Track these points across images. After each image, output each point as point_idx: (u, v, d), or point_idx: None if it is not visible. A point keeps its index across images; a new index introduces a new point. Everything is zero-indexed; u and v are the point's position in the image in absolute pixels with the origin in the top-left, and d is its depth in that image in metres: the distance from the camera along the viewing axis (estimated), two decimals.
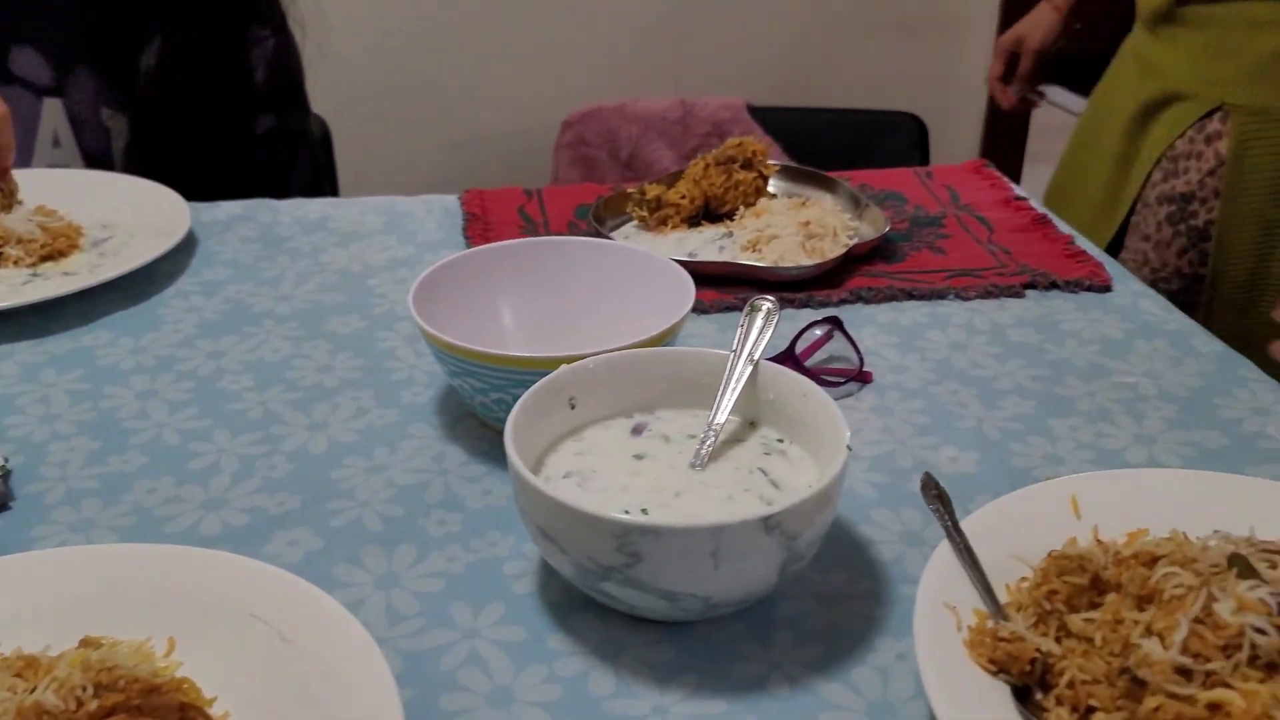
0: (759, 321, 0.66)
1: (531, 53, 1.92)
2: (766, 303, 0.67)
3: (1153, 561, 0.51)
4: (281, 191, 1.24)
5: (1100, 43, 1.47)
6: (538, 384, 0.61)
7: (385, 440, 0.72)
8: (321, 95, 1.40)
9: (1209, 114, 1.21)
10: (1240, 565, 0.48)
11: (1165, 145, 1.25)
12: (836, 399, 0.76)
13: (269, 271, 0.96)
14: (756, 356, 0.64)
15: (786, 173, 1.10)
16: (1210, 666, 0.44)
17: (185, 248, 0.99)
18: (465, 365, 0.68)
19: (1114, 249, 1.30)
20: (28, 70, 1.12)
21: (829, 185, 1.08)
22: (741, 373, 0.63)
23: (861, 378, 0.79)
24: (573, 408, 0.63)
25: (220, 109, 1.16)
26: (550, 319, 0.79)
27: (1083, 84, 1.53)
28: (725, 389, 0.63)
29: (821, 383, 0.77)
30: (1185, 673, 0.45)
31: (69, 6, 1.11)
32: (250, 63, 1.18)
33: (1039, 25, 1.51)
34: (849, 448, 0.55)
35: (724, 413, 0.62)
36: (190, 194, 1.10)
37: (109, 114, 1.15)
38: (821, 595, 0.58)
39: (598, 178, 1.67)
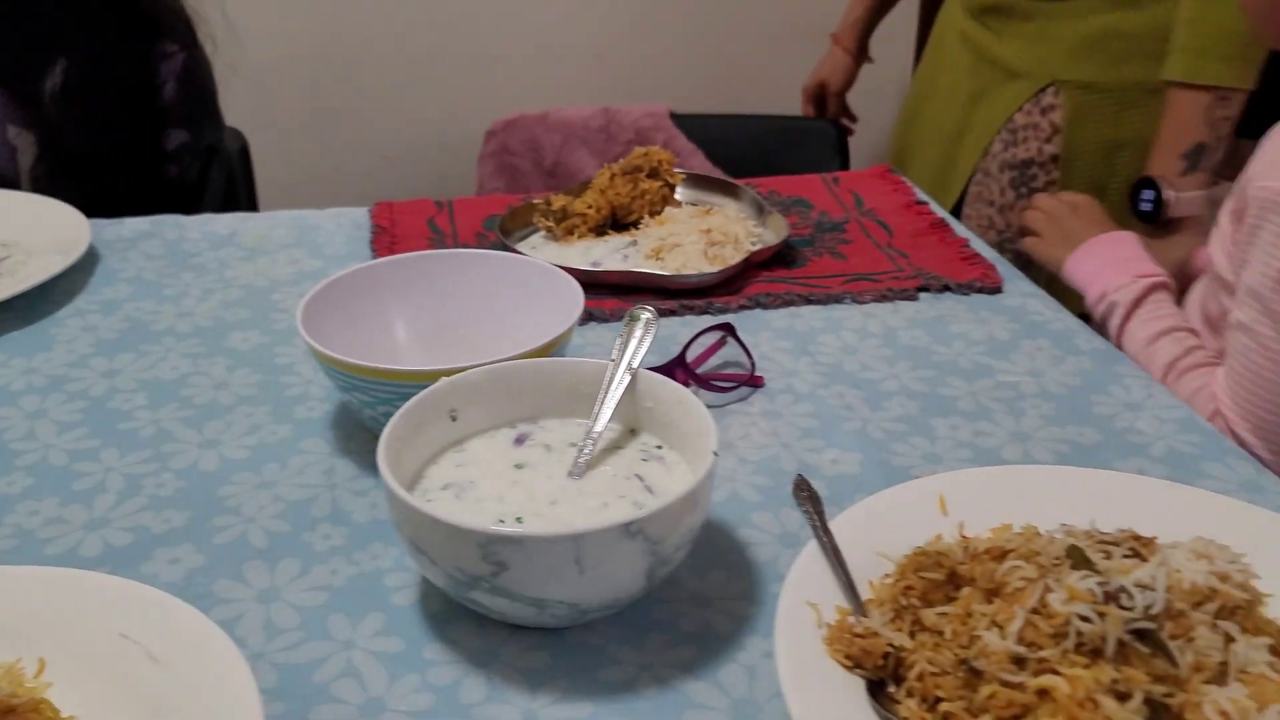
0: (638, 331, 0.67)
1: (455, 62, 1.93)
2: (645, 312, 0.68)
3: (1003, 556, 0.53)
4: (195, 207, 1.24)
5: None
6: (415, 398, 0.62)
7: (276, 456, 0.72)
8: (240, 109, 1.39)
9: (1043, 89, 1.37)
10: (1076, 557, 0.50)
11: (1004, 118, 1.41)
12: (728, 404, 0.78)
13: (171, 288, 0.96)
14: (635, 365, 0.65)
15: (694, 181, 1.12)
16: (1042, 654, 0.46)
17: (86, 266, 0.98)
18: (351, 380, 0.68)
19: (954, 214, 1.40)
20: None
21: (734, 192, 1.10)
22: (620, 381, 0.65)
23: (753, 382, 0.80)
24: (454, 420, 0.64)
25: (129, 125, 1.15)
26: (443, 331, 0.80)
27: None
28: (604, 398, 0.64)
29: (713, 388, 0.79)
30: (1020, 661, 0.47)
31: None
32: (158, 79, 1.18)
33: (836, 69, 1.74)
34: (715, 454, 0.57)
35: (602, 421, 0.63)
36: (101, 212, 1.09)
37: (15, 132, 1.14)
38: (696, 596, 0.60)
39: (522, 187, 1.68)
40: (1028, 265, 1.03)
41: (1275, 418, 0.82)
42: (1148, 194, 1.24)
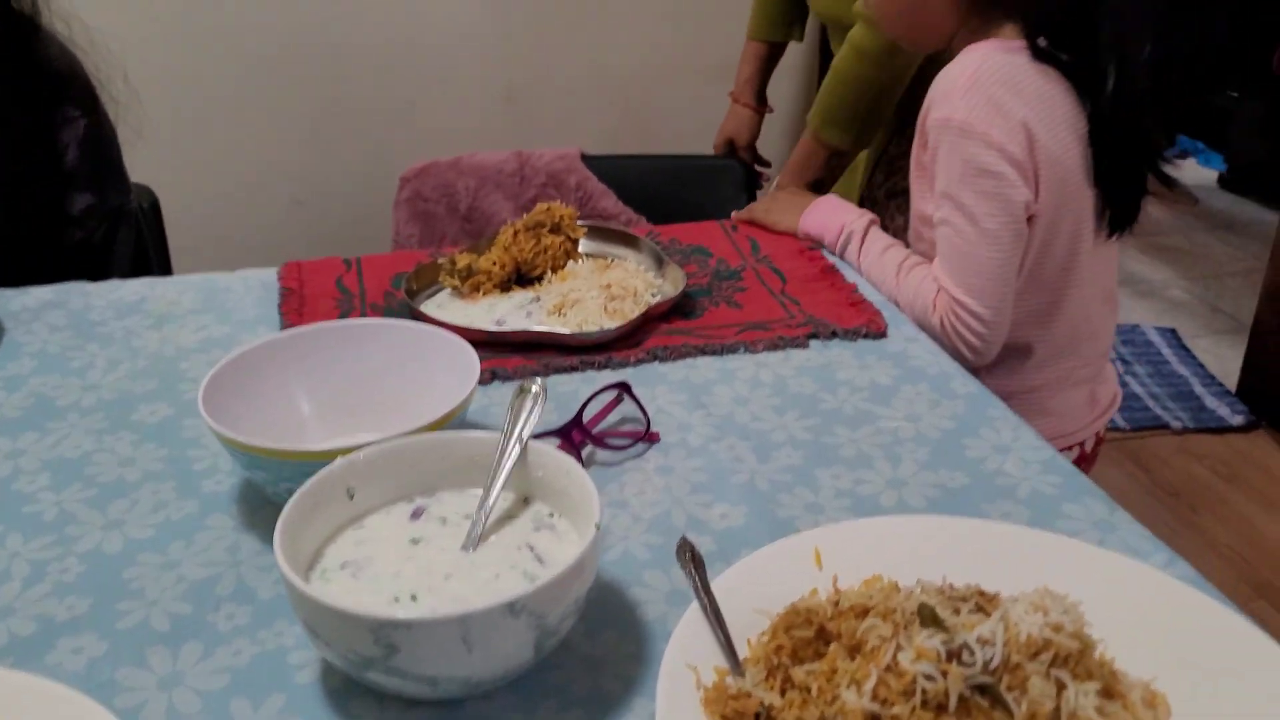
0: (528, 403, 0.70)
1: (367, 106, 1.94)
2: (534, 385, 0.71)
3: (864, 613, 0.57)
4: (103, 270, 1.24)
5: None
6: (311, 480, 0.64)
7: (181, 533, 0.74)
8: (146, 166, 1.39)
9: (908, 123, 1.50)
10: (925, 615, 0.54)
11: (879, 151, 1.55)
12: (623, 461, 0.82)
13: (77, 361, 0.96)
14: (525, 436, 0.68)
15: (595, 233, 1.16)
16: (894, 711, 0.50)
17: None
18: (252, 459, 0.70)
19: None
20: None
21: (635, 244, 1.14)
22: (511, 454, 0.68)
23: (649, 438, 0.84)
24: (351, 498, 0.67)
25: (31, 192, 1.15)
26: (345, 401, 0.82)
27: None
28: (495, 471, 0.67)
29: (609, 446, 0.82)
30: (874, 718, 0.51)
31: None
32: (60, 144, 1.18)
33: (742, 125, 1.85)
34: (597, 526, 0.60)
35: (494, 495, 0.66)
36: (5, 278, 1.09)
37: None
38: (588, 660, 0.63)
39: (437, 232, 1.70)
40: None
41: (978, 279, 1.04)
42: None
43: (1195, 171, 3.93)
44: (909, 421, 0.86)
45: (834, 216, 1.17)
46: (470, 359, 0.79)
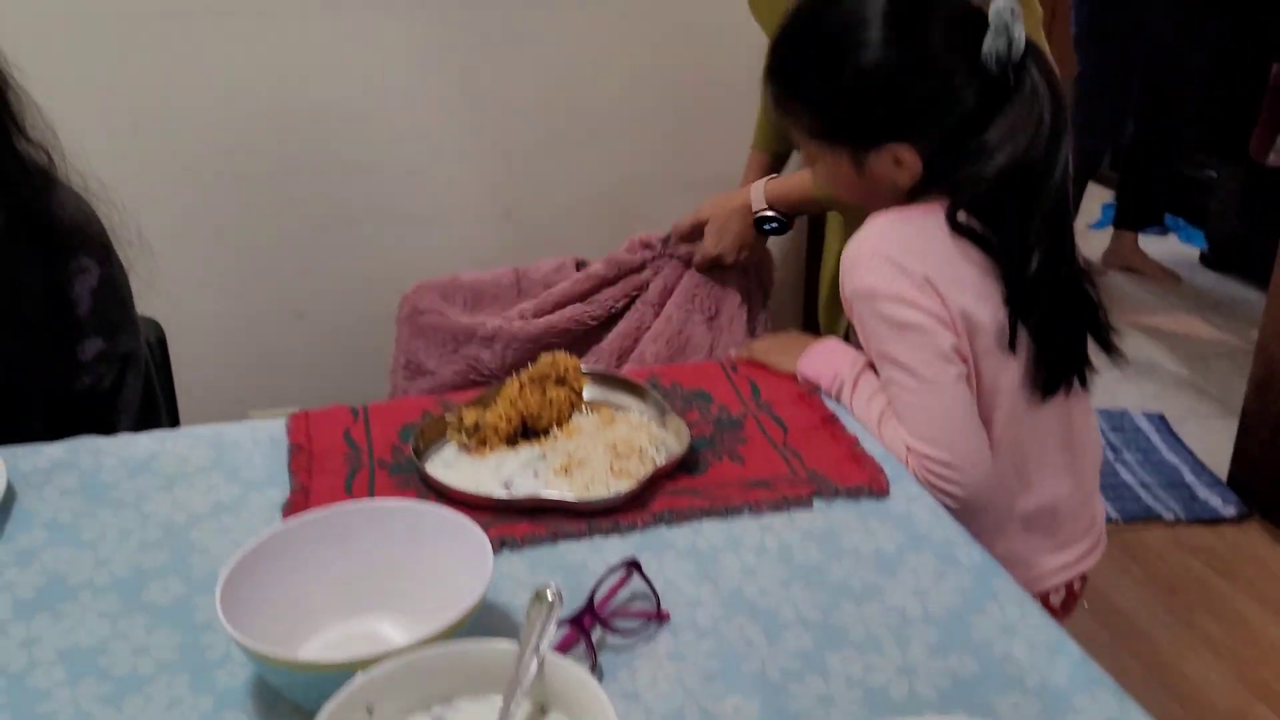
0: (544, 613, 0.71)
1: (367, 224, 1.98)
2: (549, 591, 0.72)
3: None
4: (110, 416, 1.25)
5: None
6: (331, 703, 0.65)
7: None
8: (150, 298, 1.41)
9: None
10: None
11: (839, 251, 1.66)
12: (634, 643, 0.83)
13: (89, 531, 0.97)
14: (543, 650, 0.69)
15: (598, 379, 1.18)
16: None
17: (2, 507, 0.99)
18: (268, 667, 0.71)
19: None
20: None
21: (637, 392, 1.16)
22: (529, 667, 0.69)
23: (659, 617, 0.85)
24: (370, 714, 0.67)
25: (41, 344, 1.16)
26: (359, 584, 0.83)
27: None
28: (513, 688, 0.68)
29: (620, 631, 0.83)
30: None
31: None
32: (74, 294, 1.19)
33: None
34: None
35: (510, 711, 0.67)
36: (10, 421, 1.10)
37: None
38: None
39: (441, 344, 1.72)
40: None
41: (933, 429, 1.07)
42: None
43: (1177, 249, 4.00)
44: (916, 597, 0.87)
45: (829, 362, 1.20)
46: (484, 551, 0.80)
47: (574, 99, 2.14)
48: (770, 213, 1.68)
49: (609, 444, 1.04)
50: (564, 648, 0.80)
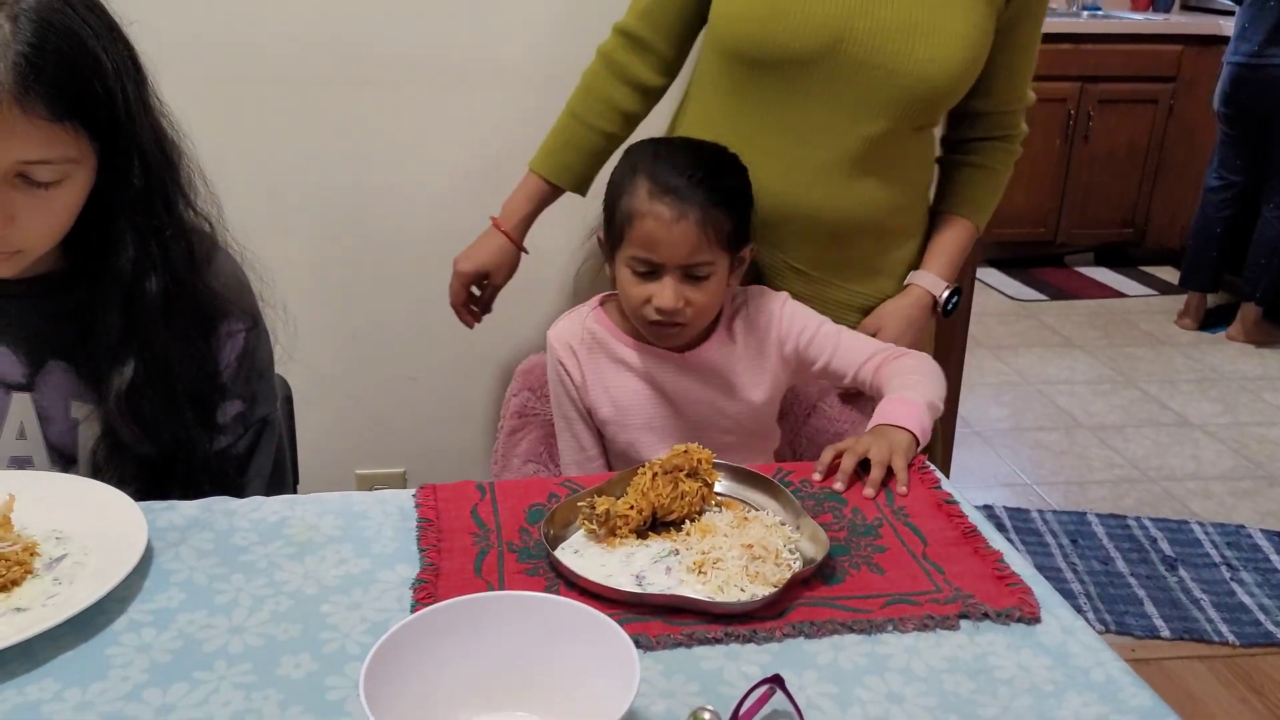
0: None
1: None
2: (707, 713, 0.69)
3: None
4: (241, 478, 1.26)
5: None
6: None
7: None
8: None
9: None
10: None
11: None
12: None
13: (223, 595, 0.97)
14: None
15: (727, 473, 1.15)
16: None
17: (140, 564, 0.99)
18: None
19: None
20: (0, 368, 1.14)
21: (768, 488, 1.13)
22: None
23: None
24: None
25: (189, 411, 1.18)
26: (495, 678, 0.81)
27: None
28: None
29: None
30: None
31: (46, 310, 1.14)
32: (220, 358, 1.21)
33: (503, 263, 1.67)
34: None
35: None
36: (150, 480, 1.11)
37: (79, 408, 1.17)
38: None
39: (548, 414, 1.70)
40: None
41: None
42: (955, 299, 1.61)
43: None
44: None
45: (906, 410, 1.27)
46: (628, 655, 0.78)
47: None
48: (951, 287, 1.62)
49: (744, 545, 1.01)
50: None
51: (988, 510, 2.86)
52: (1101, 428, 3.43)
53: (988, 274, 4.85)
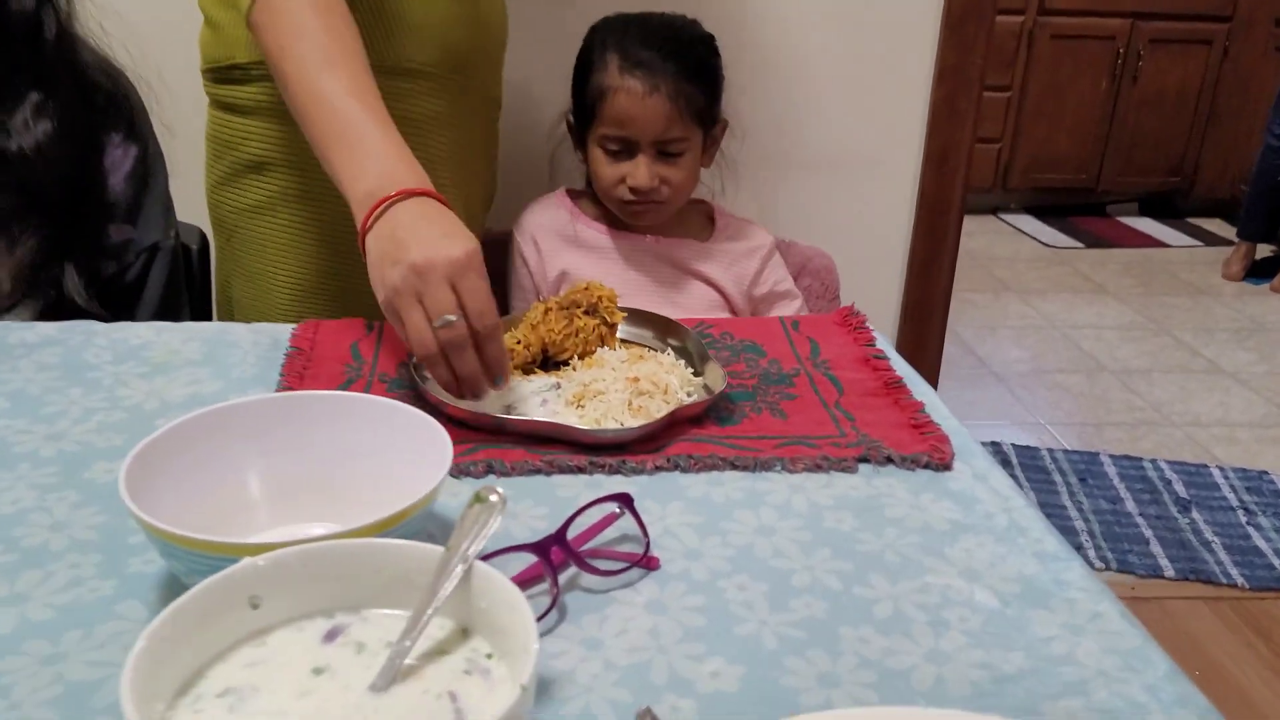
0: (483, 515, 0.58)
1: None
2: (493, 494, 0.59)
3: None
4: (129, 309, 1.18)
5: None
6: (206, 582, 0.53)
7: (83, 620, 0.64)
8: (195, 206, 1.34)
9: None
10: None
11: None
12: (612, 589, 0.69)
13: (52, 405, 0.89)
14: (472, 556, 0.56)
15: (637, 318, 1.04)
16: None
17: None
18: (163, 545, 0.60)
19: None
20: None
21: (679, 334, 1.02)
22: (452, 574, 0.56)
23: (646, 563, 0.71)
24: (255, 608, 0.55)
25: (70, 221, 1.10)
26: (302, 485, 0.72)
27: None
28: (429, 594, 0.55)
29: (594, 570, 0.70)
30: None
31: None
32: (104, 171, 1.13)
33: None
34: (524, 688, 0.47)
35: (422, 623, 0.54)
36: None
37: None
38: None
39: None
40: None
41: None
42: None
43: None
44: (965, 580, 0.70)
45: None
46: (442, 446, 0.68)
47: None
48: None
49: (631, 378, 0.90)
50: (523, 581, 0.67)
51: (994, 446, 2.72)
52: (1126, 371, 3.26)
53: (1022, 220, 4.65)
